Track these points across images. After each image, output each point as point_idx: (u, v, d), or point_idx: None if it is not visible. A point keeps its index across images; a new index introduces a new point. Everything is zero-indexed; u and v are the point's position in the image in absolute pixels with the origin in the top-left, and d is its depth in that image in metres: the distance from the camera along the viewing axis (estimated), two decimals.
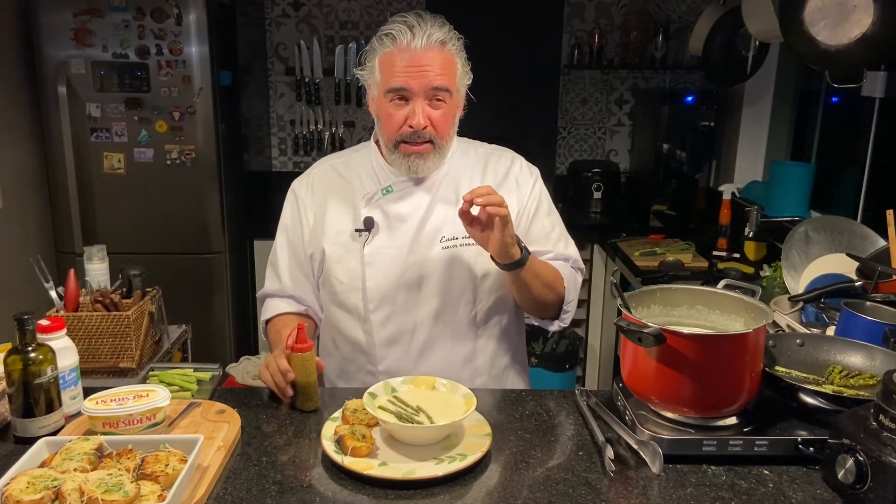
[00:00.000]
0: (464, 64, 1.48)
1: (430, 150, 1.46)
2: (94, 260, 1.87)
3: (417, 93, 1.41)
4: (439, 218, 1.53)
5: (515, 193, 1.57)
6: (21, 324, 1.23)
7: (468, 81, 1.51)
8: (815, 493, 1.11)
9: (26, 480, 1.01)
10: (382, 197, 1.53)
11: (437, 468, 1.15)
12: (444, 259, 1.51)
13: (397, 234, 1.52)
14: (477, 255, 1.52)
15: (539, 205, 1.60)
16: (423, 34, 1.40)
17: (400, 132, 1.45)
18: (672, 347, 1.16)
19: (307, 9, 3.77)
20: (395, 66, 1.41)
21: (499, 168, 1.60)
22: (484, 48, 3.79)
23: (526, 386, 1.71)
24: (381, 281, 1.51)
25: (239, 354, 3.28)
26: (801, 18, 2.01)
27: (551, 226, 1.61)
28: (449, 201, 1.53)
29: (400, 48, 1.40)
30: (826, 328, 1.65)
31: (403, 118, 1.44)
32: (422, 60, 1.40)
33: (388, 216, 1.52)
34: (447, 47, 1.43)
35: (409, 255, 1.51)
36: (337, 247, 1.55)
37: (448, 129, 1.48)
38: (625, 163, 3.99)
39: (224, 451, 1.20)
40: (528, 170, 1.62)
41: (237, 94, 3.30)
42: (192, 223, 3.09)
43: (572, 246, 1.64)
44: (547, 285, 1.52)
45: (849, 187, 2.76)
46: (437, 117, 1.44)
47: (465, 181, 1.55)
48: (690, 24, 3.41)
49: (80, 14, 2.86)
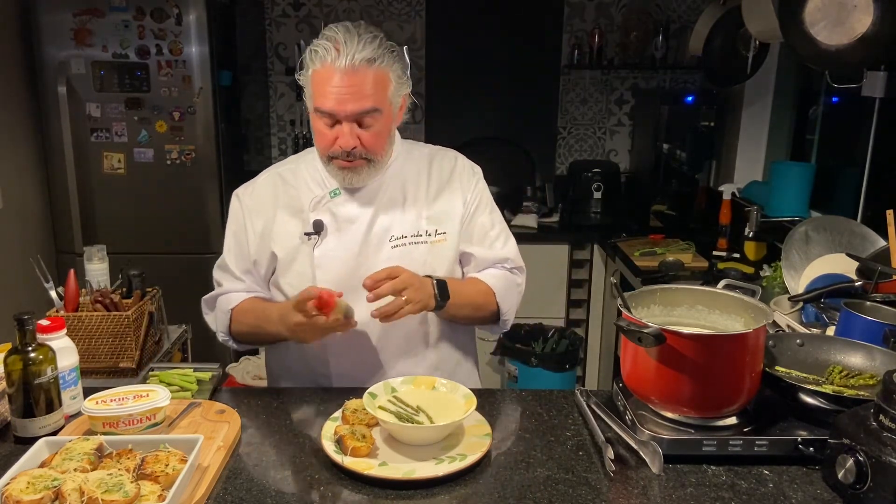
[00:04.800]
0: (399, 75, 1.45)
1: (362, 164, 1.46)
2: (94, 260, 1.87)
3: (344, 118, 1.41)
4: (388, 218, 1.53)
5: (459, 191, 1.59)
6: (21, 324, 1.24)
7: (407, 90, 1.49)
8: (815, 493, 1.11)
9: (26, 480, 1.01)
10: (331, 200, 1.53)
11: (437, 468, 1.15)
12: (394, 258, 1.51)
13: (346, 235, 1.52)
14: (426, 253, 1.53)
15: (480, 203, 1.61)
16: (349, 54, 1.36)
17: (331, 150, 1.45)
18: (672, 347, 1.16)
19: (307, 9, 3.77)
20: (323, 87, 1.39)
21: (443, 166, 1.61)
22: (484, 48, 3.84)
23: (477, 382, 1.71)
24: (331, 283, 1.48)
25: (239, 354, 3.27)
26: (801, 18, 2.01)
27: (491, 224, 1.62)
28: (396, 201, 1.55)
29: (325, 67, 1.38)
30: (826, 328, 1.65)
31: (333, 137, 1.43)
32: (349, 82, 1.37)
33: (336, 219, 1.53)
34: (376, 64, 1.39)
35: (358, 256, 1.51)
36: (287, 251, 1.54)
37: (381, 144, 1.47)
38: (625, 163, 3.99)
39: (224, 451, 1.20)
40: (471, 169, 1.64)
41: (237, 94, 3.30)
42: (192, 223, 3.09)
43: (511, 245, 1.64)
44: (476, 308, 1.57)
45: (849, 187, 2.76)
46: (367, 137, 1.43)
47: (412, 181, 1.57)
48: (690, 24, 3.41)
49: (80, 14, 2.86)
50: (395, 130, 1.55)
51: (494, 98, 3.86)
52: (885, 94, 2.05)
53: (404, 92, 1.49)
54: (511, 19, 3.77)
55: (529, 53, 3.82)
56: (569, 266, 3.48)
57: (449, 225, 1.56)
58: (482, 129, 3.81)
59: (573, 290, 3.54)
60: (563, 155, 4.00)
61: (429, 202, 1.56)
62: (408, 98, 1.52)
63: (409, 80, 1.49)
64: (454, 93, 3.86)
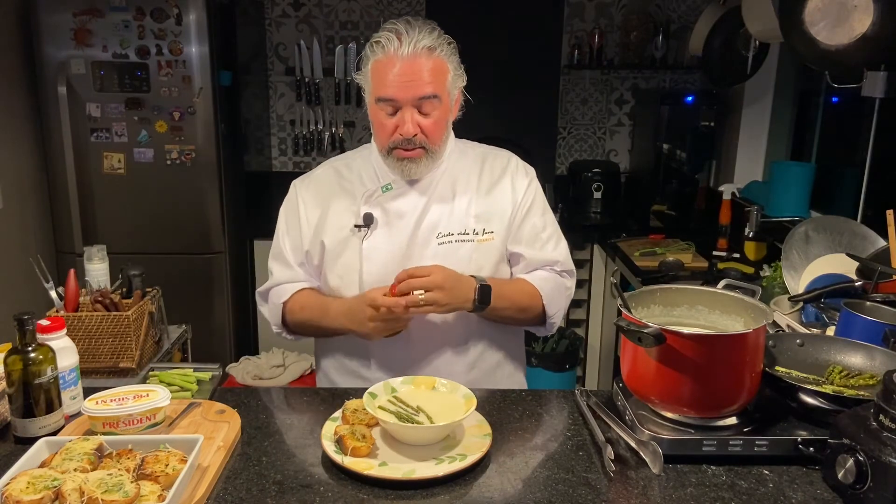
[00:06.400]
0: (456, 67, 1.49)
1: (422, 154, 1.49)
2: (94, 260, 1.87)
3: (406, 103, 1.43)
4: (436, 215, 1.55)
5: (510, 192, 1.59)
6: (21, 324, 1.23)
7: (462, 83, 1.52)
8: (815, 493, 1.11)
9: (26, 480, 1.01)
10: (382, 194, 1.55)
11: (437, 468, 1.15)
12: (440, 255, 1.53)
13: (395, 230, 1.54)
14: (472, 251, 1.54)
15: (533, 204, 1.61)
16: (411, 42, 1.41)
17: (391, 139, 1.47)
18: (672, 347, 1.16)
19: (307, 9, 3.77)
20: (385, 76, 1.43)
21: (495, 166, 1.62)
22: (484, 48, 3.84)
23: (522, 383, 1.71)
24: (378, 275, 1.52)
25: (239, 354, 3.28)
26: (801, 18, 2.01)
27: (543, 225, 1.62)
28: (446, 199, 1.56)
29: (388, 56, 1.42)
30: (826, 328, 1.65)
31: (394, 126, 1.46)
32: (410, 69, 1.41)
33: (387, 213, 1.55)
34: (436, 53, 1.44)
35: (406, 250, 1.53)
36: (336, 242, 1.57)
37: (439, 134, 1.49)
38: (625, 163, 3.99)
39: (224, 451, 1.20)
40: (524, 169, 1.64)
41: (237, 94, 3.30)
42: (192, 223, 3.09)
43: (562, 248, 1.65)
44: (520, 310, 1.58)
45: (849, 187, 2.76)
46: (428, 125, 1.46)
47: (462, 179, 1.58)
48: (690, 24, 3.41)
49: (80, 14, 2.86)
50: (451, 124, 1.56)
51: (494, 98, 3.86)
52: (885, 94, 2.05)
53: (460, 85, 1.52)
54: (511, 19, 3.77)
55: (529, 53, 3.82)
56: None
57: (497, 224, 1.57)
58: (482, 129, 3.77)
59: None
60: (563, 155, 4.00)
61: (478, 201, 1.57)
62: (462, 94, 1.53)
63: (463, 74, 1.51)
64: None
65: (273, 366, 3.11)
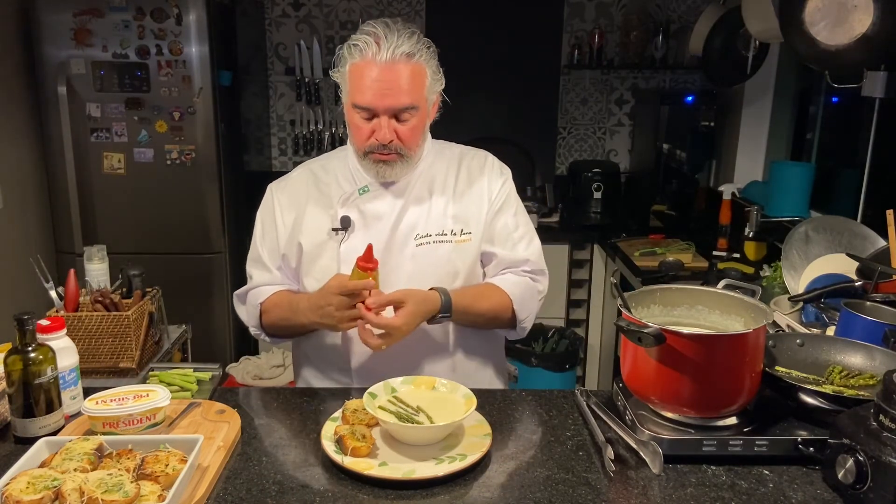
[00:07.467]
0: (434, 72, 1.48)
1: (397, 159, 1.48)
2: (94, 260, 1.87)
3: (382, 112, 1.42)
4: (413, 216, 1.55)
5: (486, 191, 1.60)
6: (21, 324, 1.23)
7: (440, 87, 1.51)
8: (815, 493, 1.11)
9: (26, 480, 1.01)
10: (359, 196, 1.54)
11: (437, 468, 1.15)
12: (418, 256, 1.53)
13: (372, 232, 1.53)
14: (450, 252, 1.54)
15: (505, 203, 1.61)
16: (389, 47, 1.39)
17: (367, 143, 1.46)
18: (672, 347, 1.16)
19: (307, 9, 3.77)
20: (362, 81, 1.41)
21: (472, 167, 1.62)
22: (484, 48, 3.84)
23: (503, 384, 1.71)
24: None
25: (239, 354, 3.28)
26: (801, 18, 2.01)
27: (515, 225, 1.61)
28: (423, 200, 1.56)
29: (366, 61, 1.40)
30: (826, 328, 1.65)
31: (370, 131, 1.45)
32: (388, 76, 1.40)
33: (364, 215, 1.54)
34: (415, 59, 1.42)
35: (384, 252, 1.52)
36: (313, 245, 1.56)
37: (415, 140, 1.49)
38: (625, 163, 3.99)
39: (224, 451, 1.20)
40: (500, 169, 1.65)
41: (237, 94, 3.30)
42: (192, 223, 3.09)
43: (534, 248, 1.63)
44: (490, 319, 1.57)
45: (849, 187, 2.76)
46: (404, 131, 1.45)
47: (440, 180, 1.58)
48: (690, 24, 3.41)
49: (80, 14, 2.86)
50: (427, 128, 1.56)
51: (494, 98, 3.86)
52: (885, 94, 2.05)
53: (438, 89, 1.51)
54: (511, 19, 3.77)
55: (529, 53, 3.82)
56: (569, 266, 3.48)
57: (475, 226, 1.57)
58: (482, 129, 3.80)
59: (573, 290, 3.54)
60: (563, 155, 4.00)
61: (455, 202, 1.57)
62: (440, 96, 1.53)
63: (442, 77, 1.51)
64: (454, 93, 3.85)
65: (273, 366, 3.11)
